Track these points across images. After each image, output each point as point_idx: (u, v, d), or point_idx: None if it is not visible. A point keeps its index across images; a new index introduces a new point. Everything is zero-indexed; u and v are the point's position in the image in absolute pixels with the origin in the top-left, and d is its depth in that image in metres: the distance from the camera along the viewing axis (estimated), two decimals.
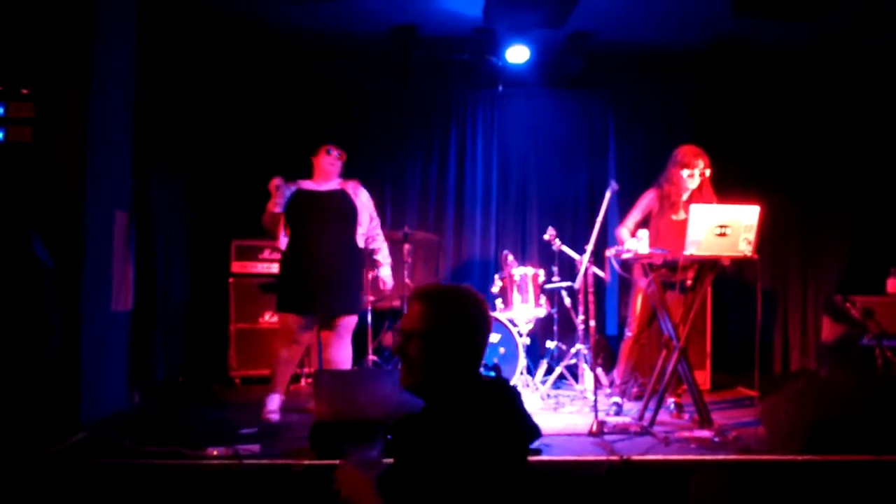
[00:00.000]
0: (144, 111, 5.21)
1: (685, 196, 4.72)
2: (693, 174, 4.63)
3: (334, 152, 4.66)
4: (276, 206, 4.47)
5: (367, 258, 4.94)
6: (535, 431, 1.86)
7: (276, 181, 4.48)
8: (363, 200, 4.74)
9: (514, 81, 6.75)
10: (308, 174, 4.70)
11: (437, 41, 6.33)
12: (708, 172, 4.65)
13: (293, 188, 4.56)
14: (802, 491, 3.40)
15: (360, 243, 4.72)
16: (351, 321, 4.65)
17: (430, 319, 1.84)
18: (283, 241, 4.59)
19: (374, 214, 4.85)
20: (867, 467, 3.44)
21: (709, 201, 4.64)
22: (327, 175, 4.65)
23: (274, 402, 4.48)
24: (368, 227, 4.78)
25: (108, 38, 4.56)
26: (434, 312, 1.84)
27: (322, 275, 4.48)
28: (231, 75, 6.43)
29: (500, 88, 6.83)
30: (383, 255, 4.91)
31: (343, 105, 6.68)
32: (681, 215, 4.69)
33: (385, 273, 4.91)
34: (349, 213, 4.65)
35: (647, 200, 4.84)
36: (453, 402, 1.80)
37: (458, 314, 1.85)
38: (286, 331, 4.52)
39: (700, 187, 4.69)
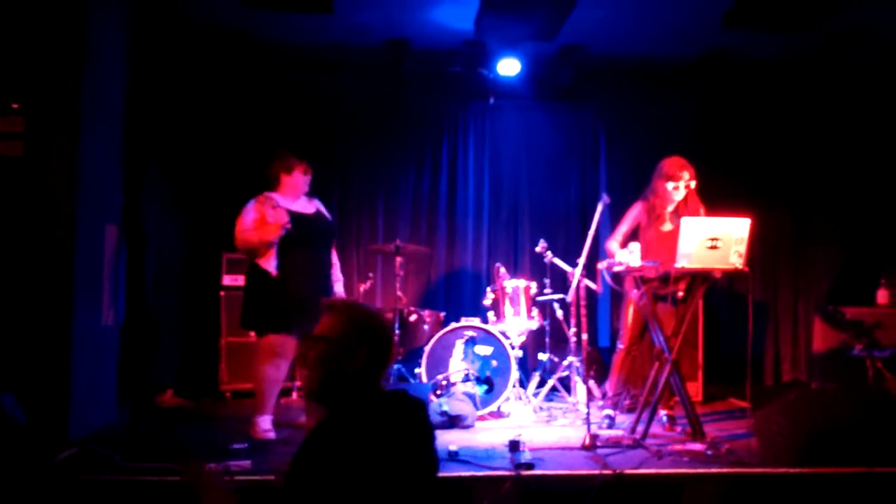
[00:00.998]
0: (135, 125, 5.20)
1: (671, 207, 4.75)
2: (678, 186, 4.66)
3: (309, 171, 4.65)
4: (277, 237, 4.41)
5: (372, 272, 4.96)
6: (428, 449, 1.96)
7: (286, 217, 4.39)
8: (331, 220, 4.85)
9: (505, 94, 6.77)
10: (272, 185, 4.65)
11: (428, 54, 6.35)
12: (693, 184, 4.68)
13: (286, 210, 4.49)
14: (796, 503, 3.41)
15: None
16: None
17: (333, 327, 1.96)
18: (271, 263, 4.46)
19: None
20: (860, 479, 3.44)
21: (695, 212, 4.67)
22: (299, 193, 4.63)
23: (267, 422, 4.44)
24: None
25: (99, 53, 4.55)
26: (337, 321, 1.97)
27: (315, 296, 4.45)
28: (222, 88, 6.42)
29: (492, 101, 6.85)
30: (337, 272, 4.89)
31: (335, 117, 6.68)
32: (668, 226, 4.73)
33: (339, 289, 4.88)
34: (331, 234, 4.77)
35: (634, 213, 4.87)
36: (347, 411, 1.88)
37: (359, 325, 1.97)
38: (271, 348, 4.43)
39: (686, 199, 4.72)
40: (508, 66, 6.35)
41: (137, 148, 5.23)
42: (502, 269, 5.65)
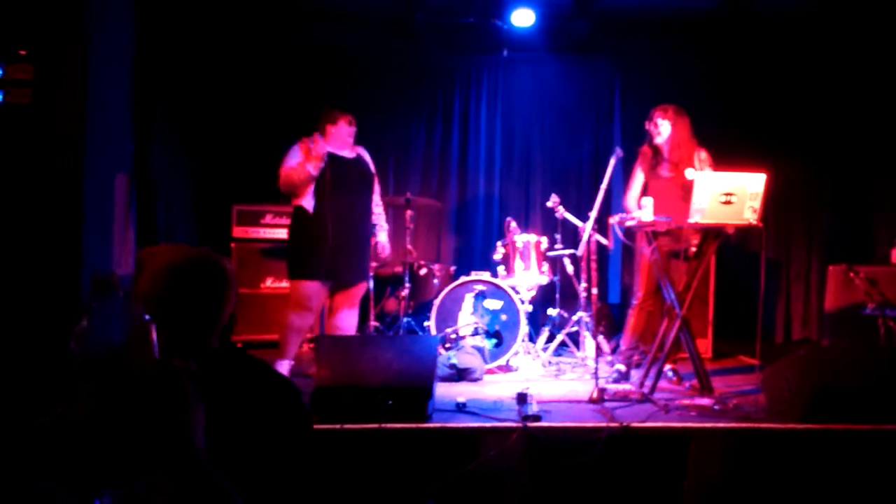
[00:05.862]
0: (145, 74, 5.14)
1: (665, 153, 4.74)
2: (649, 127, 4.75)
3: (354, 122, 4.64)
4: (317, 169, 4.42)
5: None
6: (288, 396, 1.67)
7: (324, 148, 4.42)
8: (372, 167, 4.80)
9: (519, 46, 6.66)
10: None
11: (441, 3, 6.24)
12: (665, 125, 4.67)
13: (326, 148, 4.51)
14: (802, 459, 3.41)
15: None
16: (363, 289, 4.78)
17: (147, 283, 1.67)
18: (310, 202, 4.50)
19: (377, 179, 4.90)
20: (868, 436, 3.44)
21: (689, 156, 4.66)
22: (345, 144, 4.64)
23: (283, 367, 4.52)
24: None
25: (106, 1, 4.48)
26: (151, 276, 1.67)
27: (349, 245, 4.54)
28: (233, 38, 6.34)
29: (505, 53, 6.75)
30: (382, 220, 4.94)
31: (345, 69, 6.60)
32: (667, 173, 4.74)
33: (383, 238, 4.96)
34: (370, 183, 4.75)
35: (637, 170, 4.90)
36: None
37: (176, 278, 1.68)
38: (301, 298, 4.50)
39: (677, 141, 4.70)
40: (522, 17, 6.24)
41: (147, 97, 5.18)
42: (513, 224, 5.62)
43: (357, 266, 4.64)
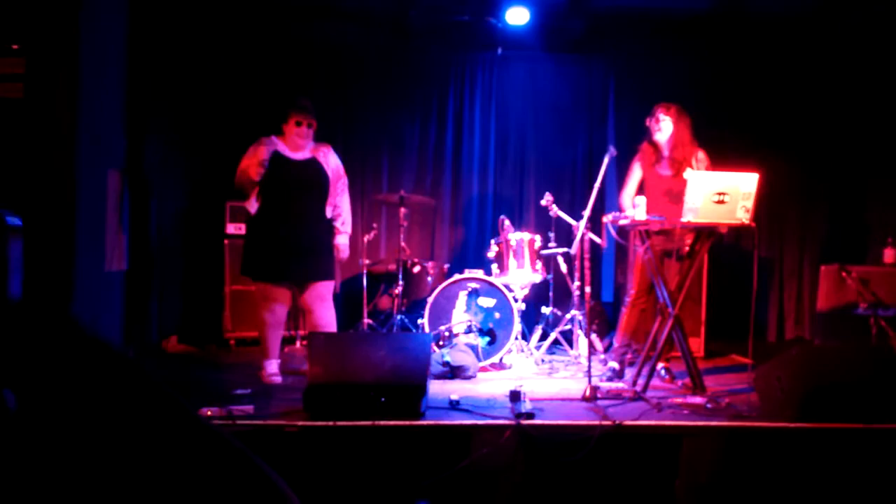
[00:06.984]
0: (138, 69, 5.13)
1: (665, 151, 4.75)
2: (651, 122, 4.73)
3: (304, 123, 4.48)
4: (258, 175, 4.40)
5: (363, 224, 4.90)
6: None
7: (265, 154, 4.39)
8: (333, 167, 4.63)
9: (513, 44, 6.66)
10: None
11: (436, 1, 6.23)
12: (666, 122, 4.68)
13: (272, 150, 4.45)
14: (794, 458, 3.42)
15: (329, 213, 4.64)
16: (327, 286, 4.59)
17: None
18: (253, 206, 4.49)
19: (343, 180, 4.71)
20: (859, 435, 3.45)
21: (688, 155, 4.67)
22: (298, 147, 4.52)
23: (273, 366, 4.52)
24: (334, 193, 4.67)
25: None
26: None
27: (293, 244, 4.44)
28: (227, 35, 6.32)
29: (500, 51, 6.74)
30: (343, 223, 4.70)
31: (340, 67, 6.58)
32: (666, 172, 4.75)
33: (342, 241, 4.71)
34: (321, 184, 4.57)
35: (635, 165, 4.89)
36: None
37: None
38: (262, 295, 4.51)
39: (677, 141, 4.71)
40: (517, 15, 6.24)
41: (140, 94, 5.17)
42: (507, 222, 5.61)
43: (307, 266, 4.50)
